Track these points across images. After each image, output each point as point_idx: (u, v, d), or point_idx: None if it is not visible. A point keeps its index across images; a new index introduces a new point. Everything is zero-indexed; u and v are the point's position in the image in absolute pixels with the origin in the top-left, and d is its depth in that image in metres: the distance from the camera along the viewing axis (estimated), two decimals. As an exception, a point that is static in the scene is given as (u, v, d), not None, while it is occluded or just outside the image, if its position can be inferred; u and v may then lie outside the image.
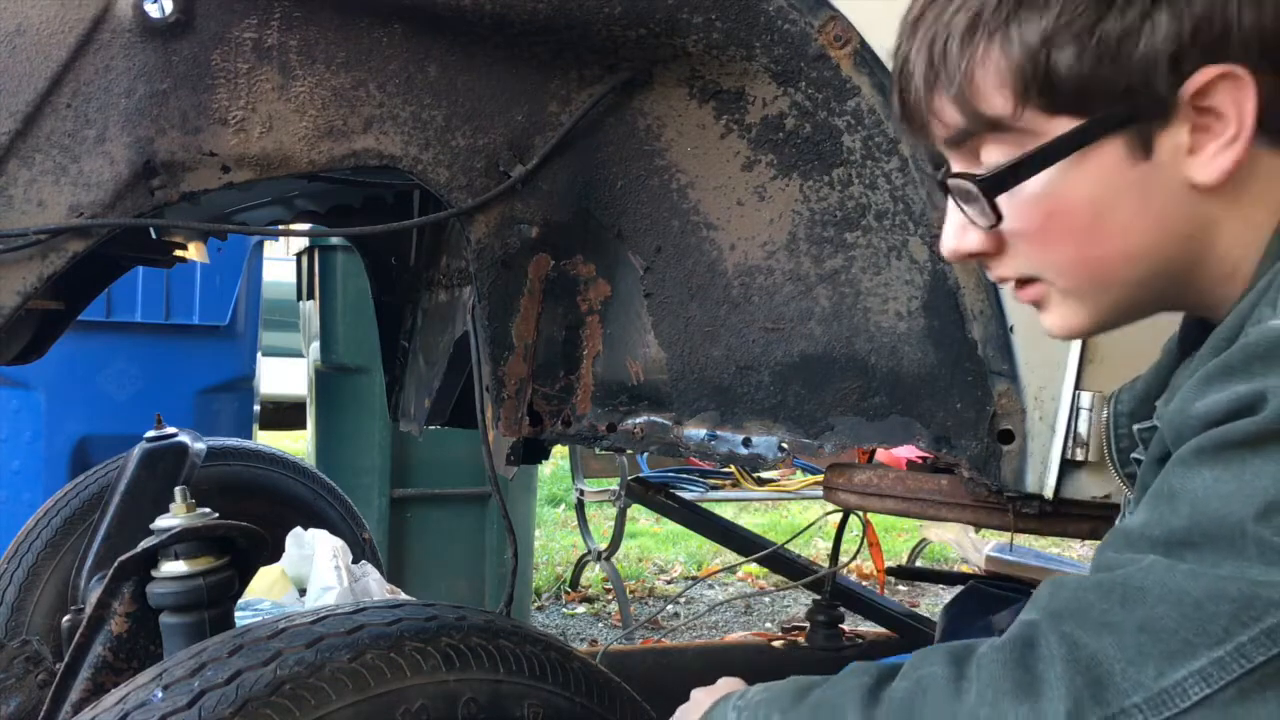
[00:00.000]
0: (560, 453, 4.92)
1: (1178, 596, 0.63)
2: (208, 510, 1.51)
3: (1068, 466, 1.21)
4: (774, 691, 0.87)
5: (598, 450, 3.43)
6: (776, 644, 2.66)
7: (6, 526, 2.85)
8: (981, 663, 0.71)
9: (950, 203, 0.84)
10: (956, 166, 0.84)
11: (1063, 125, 0.76)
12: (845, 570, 3.04)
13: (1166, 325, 1.24)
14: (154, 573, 1.39)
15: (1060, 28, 0.73)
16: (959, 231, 0.84)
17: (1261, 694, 0.61)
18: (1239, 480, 0.64)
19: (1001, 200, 0.79)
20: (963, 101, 0.79)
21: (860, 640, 2.67)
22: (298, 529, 2.53)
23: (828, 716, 0.78)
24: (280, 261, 5.90)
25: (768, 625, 4.21)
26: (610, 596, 4.57)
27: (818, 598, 2.69)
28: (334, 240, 3.40)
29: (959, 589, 2.13)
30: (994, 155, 0.80)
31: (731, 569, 4.67)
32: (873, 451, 1.50)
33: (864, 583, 3.79)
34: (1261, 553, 0.62)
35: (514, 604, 1.93)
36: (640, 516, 5.47)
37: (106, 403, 3.27)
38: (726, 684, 0.98)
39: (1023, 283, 0.85)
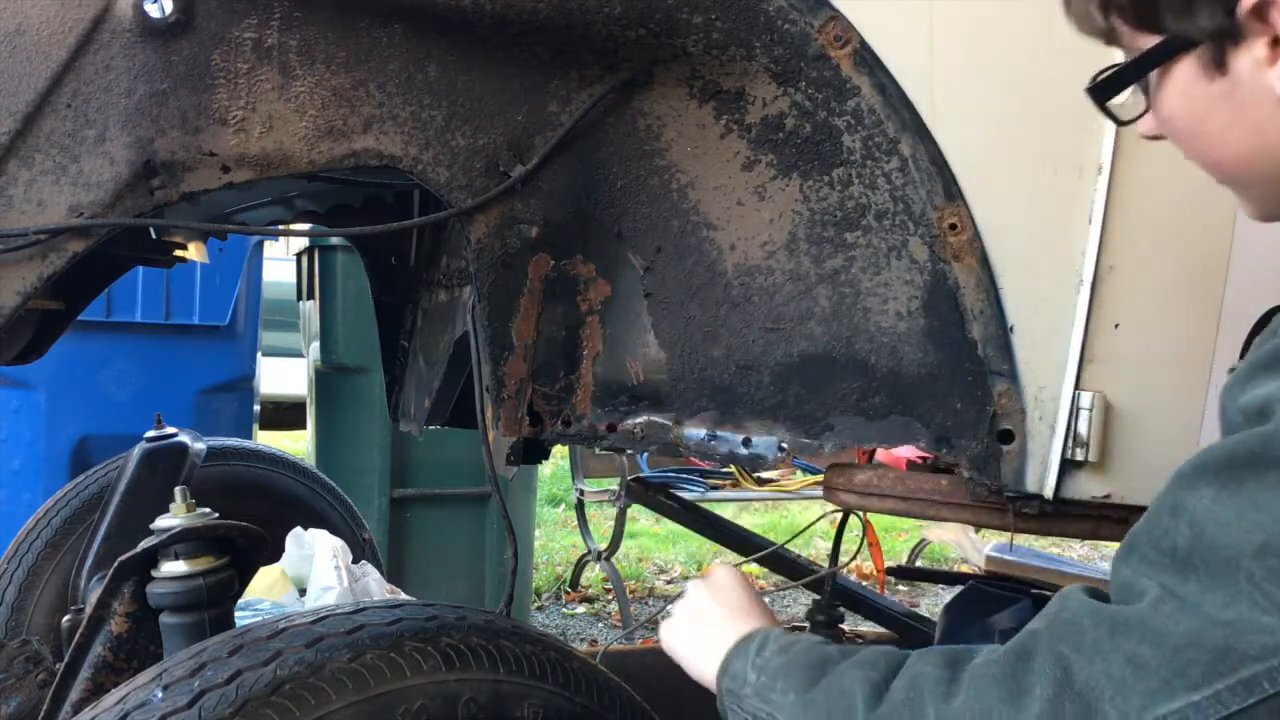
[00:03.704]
0: (560, 453, 4.92)
1: (1159, 638, 0.65)
2: (208, 510, 1.51)
3: (1068, 466, 1.20)
4: (791, 659, 0.90)
5: (598, 450, 3.43)
6: (776, 644, 2.65)
7: (6, 526, 2.85)
8: (976, 669, 0.74)
9: None
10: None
11: (1147, 41, 0.80)
12: (845, 570, 3.03)
13: (1169, 328, 1.24)
14: (154, 573, 1.39)
15: None
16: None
17: None
18: (1236, 508, 0.65)
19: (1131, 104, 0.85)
20: (1080, 11, 0.84)
21: (860, 640, 2.67)
22: (298, 529, 2.53)
23: (839, 709, 0.81)
24: (280, 261, 5.89)
25: (768, 625, 4.19)
26: (610, 596, 4.56)
27: (818, 598, 2.69)
28: (334, 240, 3.40)
29: (959, 589, 2.13)
30: (1118, 59, 0.84)
31: (731, 569, 4.66)
32: (873, 451, 1.50)
33: (864, 583, 3.79)
34: (1252, 592, 0.63)
35: (514, 604, 1.93)
36: (640, 516, 5.47)
37: (106, 403, 3.27)
38: (728, 578, 1.08)
39: None
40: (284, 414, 6.42)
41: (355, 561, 2.44)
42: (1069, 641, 0.69)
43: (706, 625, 1.05)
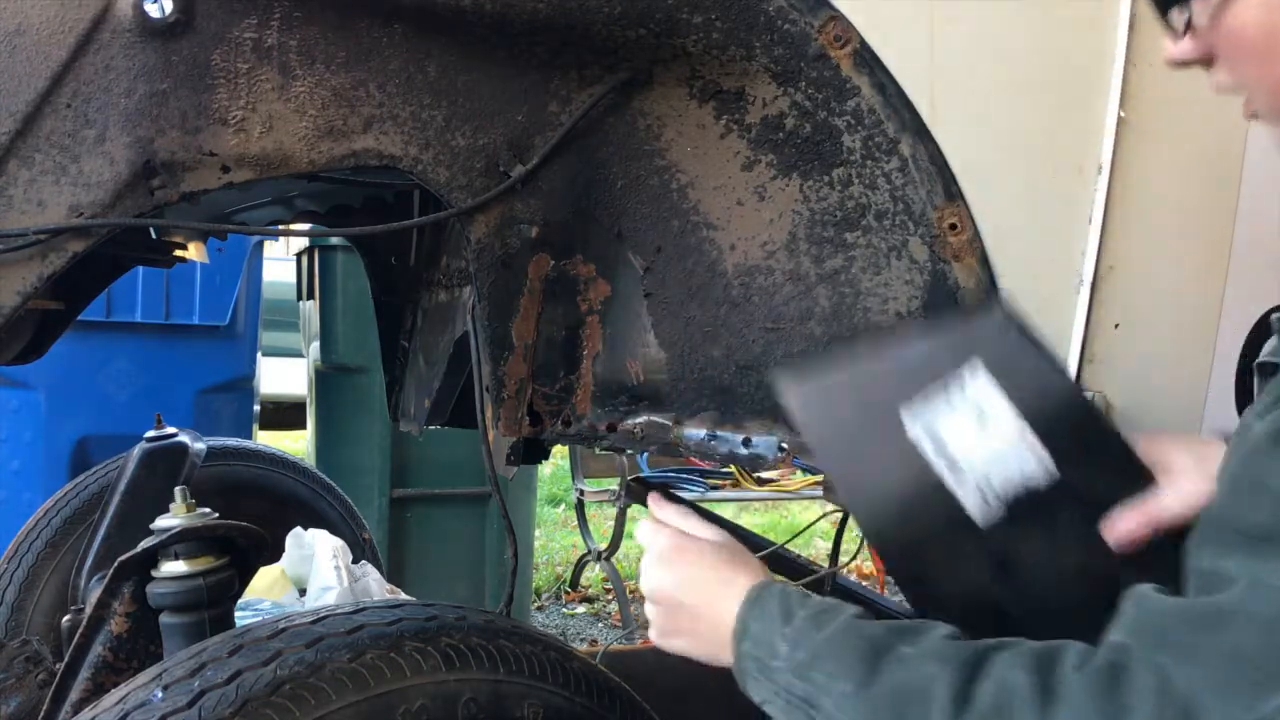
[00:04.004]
0: (560, 453, 4.92)
1: (1262, 622, 0.61)
2: (208, 510, 1.51)
3: (1068, 466, 1.20)
4: (832, 637, 0.82)
5: (598, 450, 3.43)
6: (776, 644, 2.64)
7: (6, 526, 2.85)
8: (1070, 681, 0.69)
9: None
10: None
11: None
12: (845, 570, 3.04)
13: (1169, 328, 1.24)
14: (154, 573, 1.39)
15: None
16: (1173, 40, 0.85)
17: None
18: None
19: (1193, 17, 0.81)
20: None
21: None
22: (298, 529, 2.53)
23: (914, 712, 0.74)
24: (280, 261, 5.90)
25: (768, 625, 4.19)
26: (610, 596, 4.56)
27: (818, 598, 2.69)
28: (334, 240, 3.40)
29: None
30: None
31: (731, 569, 4.66)
32: (873, 451, 1.50)
33: (864, 583, 3.79)
34: None
35: (514, 604, 1.93)
36: (640, 516, 5.46)
37: (106, 403, 3.28)
38: (671, 543, 1.03)
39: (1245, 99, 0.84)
40: (284, 414, 6.42)
41: (355, 561, 2.45)
42: (1161, 647, 0.66)
43: (695, 607, 0.96)
